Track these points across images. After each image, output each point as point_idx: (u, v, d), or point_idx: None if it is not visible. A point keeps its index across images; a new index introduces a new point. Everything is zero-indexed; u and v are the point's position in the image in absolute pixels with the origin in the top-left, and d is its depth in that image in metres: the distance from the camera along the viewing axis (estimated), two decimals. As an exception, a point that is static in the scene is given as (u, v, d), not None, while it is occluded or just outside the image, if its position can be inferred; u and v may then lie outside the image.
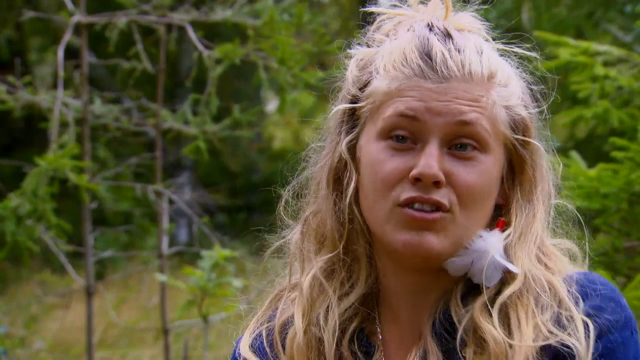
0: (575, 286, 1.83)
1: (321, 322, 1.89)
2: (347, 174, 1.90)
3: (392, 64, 1.85)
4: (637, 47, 7.61)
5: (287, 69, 6.08)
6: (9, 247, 5.56)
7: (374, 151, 1.85)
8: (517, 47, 1.94)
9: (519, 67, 1.93)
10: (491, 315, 1.81)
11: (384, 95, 1.85)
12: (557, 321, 1.80)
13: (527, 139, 1.88)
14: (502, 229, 1.87)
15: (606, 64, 4.72)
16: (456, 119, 1.81)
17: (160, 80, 6.84)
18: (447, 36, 1.86)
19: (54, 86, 7.15)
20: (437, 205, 1.80)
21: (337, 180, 1.91)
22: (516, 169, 1.89)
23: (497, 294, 1.83)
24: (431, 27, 1.87)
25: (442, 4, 1.90)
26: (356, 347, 1.90)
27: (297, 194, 1.99)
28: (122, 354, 10.02)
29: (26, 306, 11.14)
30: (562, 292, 1.84)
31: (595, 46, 4.70)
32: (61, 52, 6.36)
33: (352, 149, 1.90)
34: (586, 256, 1.95)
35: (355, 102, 1.90)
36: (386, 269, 1.91)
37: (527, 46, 1.95)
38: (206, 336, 5.63)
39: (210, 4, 6.66)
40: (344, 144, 1.90)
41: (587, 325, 1.78)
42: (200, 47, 6.38)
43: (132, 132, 7.21)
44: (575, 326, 1.79)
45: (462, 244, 1.84)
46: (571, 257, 1.93)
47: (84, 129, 6.39)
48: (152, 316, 10.51)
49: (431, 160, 1.79)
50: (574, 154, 4.42)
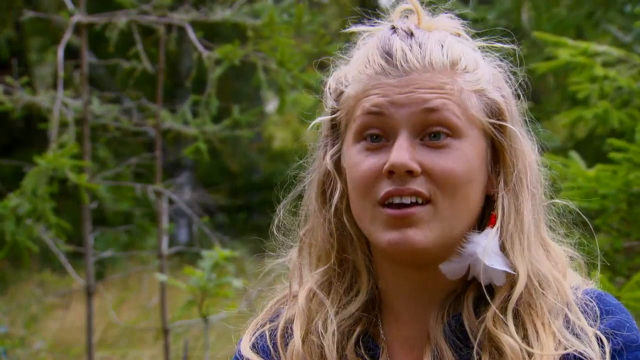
0: (592, 304, 1.84)
1: (320, 330, 1.89)
2: (332, 184, 1.91)
3: (358, 69, 1.88)
4: (637, 48, 7.61)
5: (287, 70, 6.08)
6: (8, 246, 5.56)
7: (351, 155, 1.87)
8: (497, 42, 1.94)
9: (501, 58, 1.93)
10: (506, 323, 1.80)
11: (353, 99, 1.88)
12: (569, 326, 1.81)
13: (502, 123, 1.87)
14: (494, 225, 1.86)
15: (605, 65, 4.72)
16: (421, 107, 1.81)
17: (160, 80, 6.84)
18: (410, 34, 1.87)
19: (54, 86, 7.15)
20: (416, 194, 1.80)
21: (324, 193, 1.93)
22: (497, 153, 1.88)
23: (508, 297, 1.83)
24: (395, 30, 1.89)
25: (419, 12, 1.91)
26: (362, 350, 1.90)
27: (294, 211, 2.01)
28: (122, 354, 10.02)
29: (26, 306, 11.14)
30: (569, 291, 1.84)
31: (594, 47, 4.70)
32: (61, 52, 6.36)
33: (338, 160, 1.92)
34: (586, 256, 1.96)
35: (333, 114, 1.93)
36: (384, 271, 1.91)
37: (507, 39, 1.95)
38: (206, 336, 5.64)
39: (209, 4, 6.67)
40: (329, 157, 1.92)
41: (601, 341, 1.79)
42: (200, 47, 6.38)
43: (132, 132, 7.21)
44: (587, 334, 1.80)
45: (451, 237, 1.83)
46: (571, 260, 1.93)
47: (83, 129, 6.39)
48: (152, 316, 10.52)
49: (401, 151, 1.80)
50: (574, 155, 4.42)
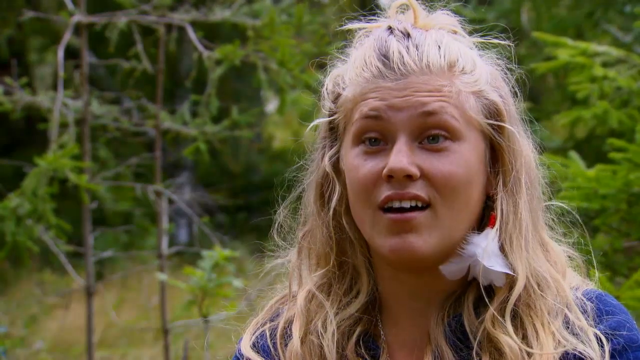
0: (592, 304, 1.84)
1: (320, 330, 1.90)
2: (330, 187, 1.91)
3: (355, 72, 1.87)
4: (637, 48, 7.61)
5: (287, 70, 6.08)
6: (9, 247, 5.57)
7: (350, 158, 1.86)
8: (494, 38, 1.93)
9: (499, 57, 1.92)
10: (504, 323, 1.80)
11: (351, 102, 1.87)
12: (568, 326, 1.82)
13: (500, 124, 1.86)
14: (494, 225, 1.85)
15: (605, 65, 4.72)
16: (419, 110, 1.81)
17: (159, 80, 6.84)
18: (406, 35, 1.86)
19: (54, 86, 7.15)
20: (416, 198, 1.80)
21: (323, 195, 1.93)
22: (496, 154, 1.87)
23: (507, 299, 1.83)
24: (391, 30, 1.88)
25: (416, 9, 1.90)
26: (363, 350, 1.90)
27: (293, 213, 2.00)
28: (122, 354, 10.02)
29: (26, 306, 11.14)
30: (568, 291, 1.85)
31: (594, 47, 4.70)
32: (61, 52, 6.37)
33: (337, 162, 1.92)
34: (585, 257, 1.96)
35: (331, 116, 1.92)
36: (384, 274, 1.91)
37: (503, 36, 1.94)
38: (206, 336, 5.63)
39: (209, 5, 6.67)
40: (327, 158, 1.92)
41: (600, 341, 1.79)
42: (200, 47, 6.38)
43: (131, 132, 7.22)
44: (586, 334, 1.80)
45: (451, 240, 1.83)
46: (570, 260, 1.94)
47: (83, 129, 6.39)
48: (151, 316, 10.52)
49: (399, 155, 1.79)
50: (573, 155, 4.42)
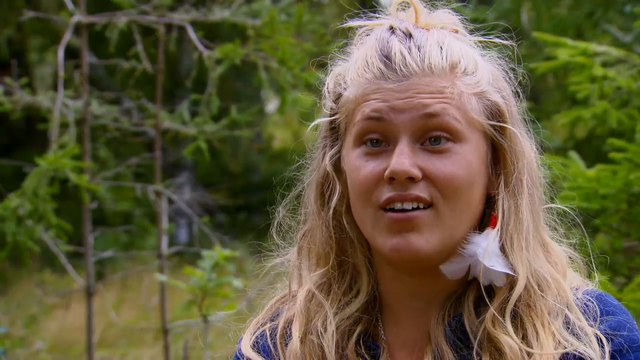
0: (592, 304, 1.84)
1: (319, 330, 1.90)
2: (331, 186, 1.91)
3: (357, 72, 1.87)
4: (637, 48, 7.61)
5: (287, 69, 6.09)
6: (9, 247, 5.57)
7: (352, 159, 1.86)
8: (495, 37, 1.93)
9: (500, 57, 1.92)
10: (504, 323, 1.80)
11: (353, 102, 1.87)
12: (569, 327, 1.82)
13: (502, 125, 1.86)
14: (495, 225, 1.85)
15: (605, 65, 4.72)
16: (421, 112, 1.81)
17: (159, 80, 6.83)
18: (408, 36, 1.86)
19: (54, 86, 7.15)
20: (417, 200, 1.80)
21: (323, 195, 1.93)
22: (497, 154, 1.88)
23: (508, 299, 1.83)
24: (393, 30, 1.87)
25: (417, 8, 1.90)
26: (363, 349, 1.90)
27: (293, 212, 2.01)
28: (122, 354, 10.02)
29: (26, 306, 11.14)
30: (568, 292, 1.85)
31: (594, 47, 4.70)
32: (61, 52, 6.37)
33: (337, 162, 1.92)
34: (586, 258, 1.96)
35: (332, 116, 1.92)
36: (384, 274, 1.91)
37: (505, 35, 1.94)
38: (206, 336, 5.63)
39: (209, 4, 6.67)
40: (328, 158, 1.92)
41: (601, 341, 1.80)
42: (200, 47, 6.38)
43: (131, 132, 7.22)
44: (587, 334, 1.80)
45: (453, 240, 1.83)
46: (571, 260, 1.94)
47: (83, 129, 6.39)
48: (151, 316, 10.52)
49: (402, 157, 1.79)
50: (573, 155, 4.42)
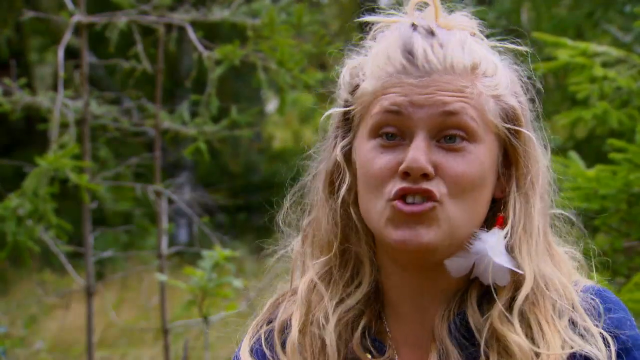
0: (595, 301, 1.85)
1: (322, 322, 1.90)
2: (341, 176, 1.91)
3: (377, 65, 1.87)
4: (637, 48, 7.61)
5: (287, 70, 6.09)
6: (9, 247, 5.57)
7: (365, 151, 1.87)
8: (511, 43, 1.94)
9: (514, 63, 1.93)
10: (512, 322, 1.81)
11: (371, 95, 1.87)
12: (575, 327, 1.82)
13: (518, 129, 1.87)
14: (502, 226, 1.86)
15: (605, 65, 4.72)
16: (440, 110, 1.81)
17: (159, 80, 6.83)
18: (430, 34, 1.87)
19: (54, 86, 7.15)
20: (428, 194, 1.80)
21: (332, 184, 1.93)
22: (510, 159, 1.89)
23: (513, 298, 1.83)
24: (415, 27, 1.88)
25: (437, 7, 1.91)
26: (369, 344, 1.91)
27: (298, 202, 2.01)
28: (122, 354, 10.03)
29: (26, 306, 11.14)
30: (574, 293, 1.85)
31: (594, 47, 4.70)
32: (61, 52, 6.37)
33: (348, 153, 1.92)
34: (589, 259, 1.97)
35: (347, 107, 1.93)
36: (388, 269, 1.92)
37: (521, 42, 1.95)
38: (206, 336, 5.64)
39: (209, 4, 6.67)
40: (339, 148, 1.92)
41: (606, 340, 1.80)
42: (200, 47, 6.38)
43: (131, 132, 7.22)
44: (592, 334, 1.81)
45: (458, 238, 1.83)
46: (573, 260, 1.95)
47: (84, 129, 6.39)
48: (151, 316, 10.52)
49: (418, 153, 1.80)
50: (573, 155, 4.42)
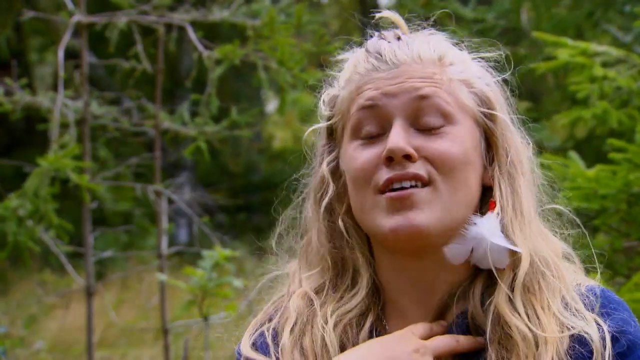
0: (596, 299, 1.87)
1: (321, 325, 1.91)
2: (324, 187, 1.98)
3: (350, 73, 1.97)
4: (637, 48, 7.61)
5: (287, 69, 6.09)
6: (10, 247, 5.57)
7: (349, 152, 1.93)
8: (484, 52, 2.01)
9: (494, 70, 2.00)
10: (516, 307, 1.84)
11: (348, 100, 1.95)
12: (567, 308, 1.85)
13: (492, 112, 1.94)
14: (494, 210, 1.90)
15: (605, 65, 4.73)
16: (413, 95, 1.89)
17: (158, 80, 6.83)
18: (397, 39, 1.96)
19: (54, 86, 7.15)
20: (416, 177, 1.85)
21: (322, 198, 1.98)
22: (490, 143, 1.95)
23: (514, 279, 1.86)
24: (382, 36, 1.98)
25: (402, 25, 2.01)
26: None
27: (292, 226, 2.06)
28: (122, 354, 10.03)
29: (26, 306, 11.15)
30: (566, 275, 1.89)
31: (594, 47, 4.70)
32: (61, 53, 6.37)
33: (336, 167, 1.98)
34: (586, 257, 1.98)
35: (329, 121, 2.00)
36: (385, 267, 1.94)
37: (493, 48, 2.02)
38: (206, 336, 5.64)
39: (208, 5, 6.67)
40: (325, 164, 1.99)
41: (599, 325, 1.83)
42: (200, 47, 6.38)
43: (131, 132, 7.22)
44: (585, 318, 1.84)
45: (451, 220, 1.86)
46: (568, 259, 1.96)
47: (84, 129, 6.39)
48: (151, 316, 10.52)
49: (397, 136, 1.86)
50: (573, 155, 4.42)
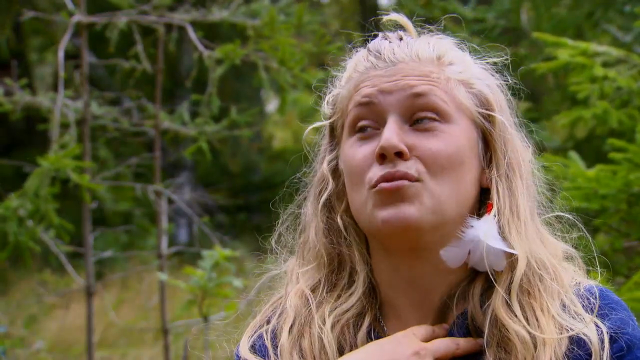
0: (595, 299, 1.87)
1: (319, 325, 1.92)
2: (323, 184, 1.99)
3: (350, 72, 1.98)
4: (637, 48, 7.61)
5: (287, 69, 6.09)
6: (10, 247, 5.57)
7: (346, 149, 1.94)
8: (488, 56, 2.02)
9: (497, 72, 2.00)
10: (512, 307, 1.84)
11: (347, 98, 1.97)
12: (565, 310, 1.85)
13: (490, 113, 1.93)
14: (492, 212, 1.90)
15: (605, 65, 4.73)
16: (408, 92, 1.89)
17: (158, 80, 6.84)
18: (399, 39, 1.97)
19: (54, 86, 7.15)
20: (404, 177, 1.85)
21: (321, 195, 2.00)
22: (488, 145, 1.94)
23: (510, 282, 1.86)
24: (385, 36, 1.99)
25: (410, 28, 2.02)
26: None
27: (292, 226, 2.08)
28: (122, 354, 10.03)
29: (26, 306, 11.15)
30: (565, 277, 1.89)
31: (594, 47, 4.70)
32: (61, 53, 6.37)
33: (336, 166, 2.00)
34: (586, 257, 1.98)
35: (330, 119, 2.02)
36: (382, 266, 1.94)
37: (499, 54, 2.02)
38: (206, 336, 5.63)
39: (208, 5, 6.67)
40: (325, 162, 2.00)
41: (598, 327, 1.83)
42: (200, 47, 6.38)
43: (131, 132, 7.22)
44: (584, 320, 1.83)
45: (444, 217, 1.86)
46: (568, 259, 1.96)
47: (84, 129, 6.39)
48: (151, 316, 10.52)
49: (390, 133, 1.86)
50: (573, 155, 4.42)
